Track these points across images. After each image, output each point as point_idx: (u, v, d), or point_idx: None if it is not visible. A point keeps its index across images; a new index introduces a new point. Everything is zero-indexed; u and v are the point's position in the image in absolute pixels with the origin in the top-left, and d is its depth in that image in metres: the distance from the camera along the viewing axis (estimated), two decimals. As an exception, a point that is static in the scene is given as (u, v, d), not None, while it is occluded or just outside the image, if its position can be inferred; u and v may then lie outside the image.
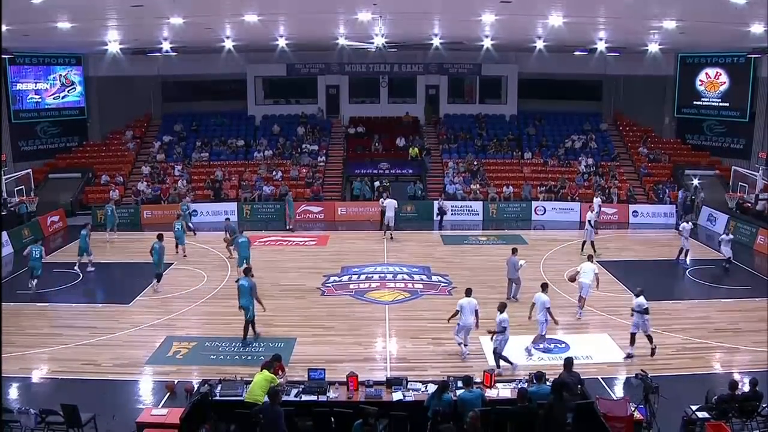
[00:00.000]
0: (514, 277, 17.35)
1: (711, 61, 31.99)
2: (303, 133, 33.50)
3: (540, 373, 10.85)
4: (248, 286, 14.70)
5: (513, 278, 17.38)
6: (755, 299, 17.61)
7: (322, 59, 32.99)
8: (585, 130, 33.90)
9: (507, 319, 13.07)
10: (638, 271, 20.65)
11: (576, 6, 18.78)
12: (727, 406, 10.45)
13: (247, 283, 14.79)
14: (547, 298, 14.03)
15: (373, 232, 25.82)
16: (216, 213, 27.86)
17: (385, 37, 22.89)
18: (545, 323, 14.01)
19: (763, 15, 17.68)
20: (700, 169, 30.68)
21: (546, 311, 13.88)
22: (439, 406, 9.81)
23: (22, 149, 30.82)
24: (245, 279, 15.03)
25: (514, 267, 17.28)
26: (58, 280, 19.49)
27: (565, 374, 10.75)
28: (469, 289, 14.16)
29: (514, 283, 17.42)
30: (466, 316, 13.54)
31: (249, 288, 14.70)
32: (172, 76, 33.41)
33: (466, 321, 13.59)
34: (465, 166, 31.25)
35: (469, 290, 14.07)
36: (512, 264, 17.32)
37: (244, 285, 14.74)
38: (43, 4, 16.09)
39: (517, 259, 17.39)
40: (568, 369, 10.90)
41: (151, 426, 10.23)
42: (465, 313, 13.53)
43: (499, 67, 33.49)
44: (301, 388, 10.88)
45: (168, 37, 24.50)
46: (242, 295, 14.69)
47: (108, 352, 14.18)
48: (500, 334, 13.04)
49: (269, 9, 19.60)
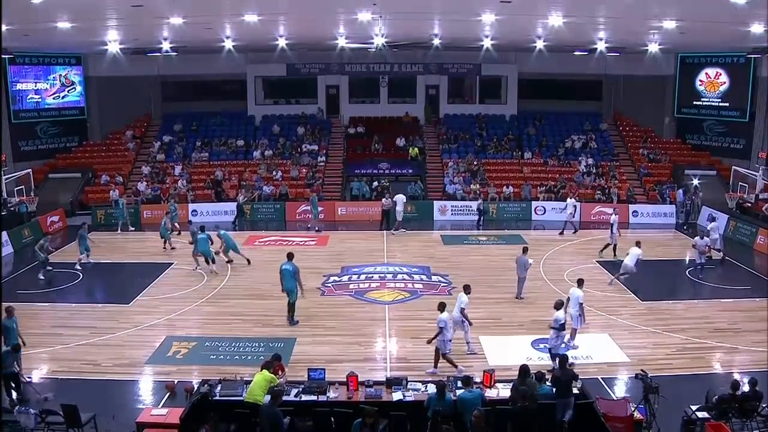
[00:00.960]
0: (523, 275, 17.56)
1: (711, 61, 31.99)
2: (303, 133, 33.50)
3: (540, 373, 10.84)
4: (292, 270, 15.64)
5: (522, 277, 17.58)
6: (755, 299, 17.60)
7: (322, 59, 32.97)
8: (585, 130, 33.89)
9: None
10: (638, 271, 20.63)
11: (576, 6, 18.79)
12: (727, 406, 10.46)
13: (291, 267, 15.71)
14: (581, 293, 14.19)
15: (373, 232, 25.83)
16: (216, 213, 27.89)
17: (385, 37, 22.91)
18: (580, 318, 14.18)
19: (763, 15, 17.69)
20: (700, 169, 30.71)
21: (579, 306, 14.04)
22: (440, 406, 9.81)
23: (22, 149, 30.82)
24: (288, 263, 15.83)
25: (524, 266, 17.47)
26: (58, 280, 19.49)
27: (559, 371, 10.69)
28: (442, 303, 13.31)
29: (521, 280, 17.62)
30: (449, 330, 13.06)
31: (293, 272, 15.61)
32: (172, 76, 33.40)
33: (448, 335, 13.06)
34: (465, 166, 31.26)
35: (442, 304, 13.21)
36: (522, 263, 17.49)
37: (288, 269, 15.64)
38: (43, 4, 16.10)
39: (527, 258, 17.58)
40: (562, 366, 10.81)
41: (151, 426, 10.23)
42: (448, 328, 13.04)
43: (499, 67, 33.49)
44: (301, 388, 10.87)
45: (168, 37, 24.52)
46: (286, 279, 15.58)
47: (108, 352, 14.18)
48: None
49: (269, 9, 19.61)
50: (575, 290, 14.34)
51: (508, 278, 18.51)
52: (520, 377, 10.58)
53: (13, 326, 12.77)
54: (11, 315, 12.92)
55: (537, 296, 17.86)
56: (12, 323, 12.78)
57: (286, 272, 15.63)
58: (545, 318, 16.17)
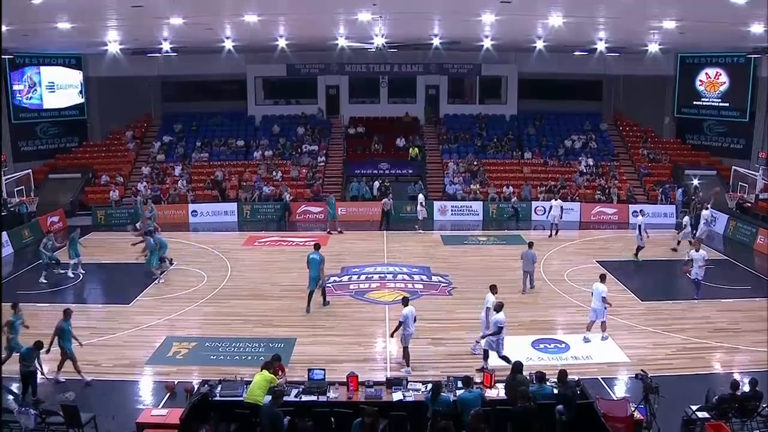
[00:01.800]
0: (531, 270, 18.19)
1: (711, 61, 32.00)
2: (303, 133, 33.50)
3: (540, 374, 10.82)
4: (319, 260, 16.56)
5: (529, 271, 18.19)
6: (755, 299, 17.60)
7: (322, 59, 32.96)
8: (585, 130, 33.90)
9: (503, 319, 12.99)
10: (639, 271, 20.67)
11: (576, 6, 18.78)
12: (727, 406, 10.45)
13: (318, 256, 16.61)
14: (604, 287, 14.66)
15: (373, 232, 25.82)
16: (216, 213, 27.90)
17: (385, 37, 22.90)
18: (604, 310, 14.63)
19: (763, 15, 17.68)
20: (700, 169, 30.70)
21: (602, 300, 14.48)
22: (438, 406, 9.80)
23: (22, 149, 30.83)
24: (316, 253, 16.74)
25: (532, 260, 18.14)
26: (58, 280, 19.50)
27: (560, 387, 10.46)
28: (405, 298, 13.73)
29: (530, 275, 18.26)
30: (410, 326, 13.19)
31: (320, 261, 16.55)
32: (172, 76, 33.39)
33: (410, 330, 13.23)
34: (465, 166, 31.26)
35: (405, 299, 13.61)
36: (530, 257, 18.08)
37: (316, 258, 16.55)
38: (43, 4, 16.09)
39: (534, 252, 18.25)
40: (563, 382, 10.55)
41: (151, 426, 10.22)
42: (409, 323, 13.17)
43: (499, 67, 33.51)
44: (301, 388, 10.86)
45: (168, 37, 24.50)
46: (313, 267, 16.49)
47: (108, 353, 14.18)
48: (496, 334, 12.96)
49: (269, 9, 19.60)
50: (598, 285, 14.73)
51: (508, 278, 18.51)
52: (511, 374, 10.63)
53: (69, 328, 12.87)
54: (68, 317, 12.99)
55: (537, 296, 17.89)
56: (67, 325, 12.87)
57: (314, 261, 16.49)
58: (545, 318, 16.29)
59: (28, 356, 11.85)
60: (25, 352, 11.90)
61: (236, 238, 25.37)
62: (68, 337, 12.83)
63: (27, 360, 11.83)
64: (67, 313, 13.07)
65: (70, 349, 12.79)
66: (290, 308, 17.07)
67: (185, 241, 24.36)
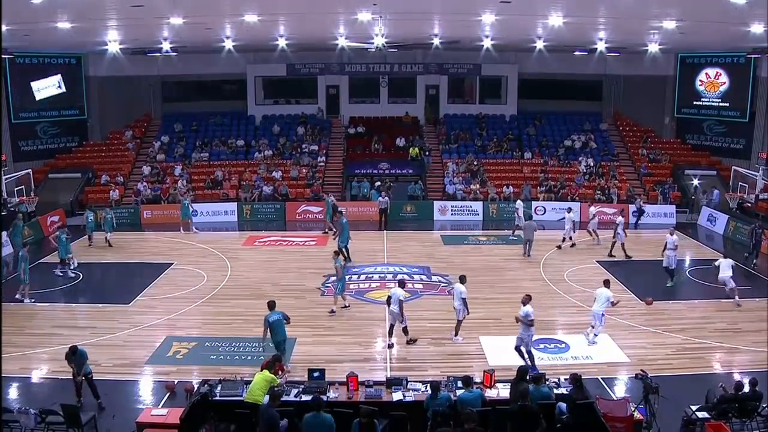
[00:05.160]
0: (531, 238, 21.31)
1: (711, 61, 31.99)
2: (303, 133, 33.49)
3: (540, 374, 10.83)
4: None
5: (530, 239, 21.34)
6: (755, 299, 17.60)
7: (322, 59, 32.97)
8: (585, 130, 33.90)
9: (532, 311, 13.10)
10: (639, 271, 20.64)
11: (576, 6, 18.79)
12: (727, 406, 10.45)
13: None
14: (610, 293, 14.63)
15: (373, 232, 25.80)
16: (216, 213, 27.90)
17: (385, 37, 22.89)
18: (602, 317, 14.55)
19: (763, 15, 17.69)
20: (700, 169, 30.70)
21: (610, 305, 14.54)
22: (438, 406, 9.80)
23: (22, 149, 30.82)
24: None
25: (533, 230, 21.41)
26: (58, 280, 19.50)
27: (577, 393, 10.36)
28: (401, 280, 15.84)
29: (530, 243, 21.36)
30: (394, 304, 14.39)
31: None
32: (172, 76, 33.40)
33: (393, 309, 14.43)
34: (465, 166, 31.26)
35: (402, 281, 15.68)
36: (532, 227, 21.53)
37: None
38: (43, 4, 16.09)
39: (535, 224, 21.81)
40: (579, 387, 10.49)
41: (151, 426, 10.22)
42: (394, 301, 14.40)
43: (499, 67, 33.49)
44: (301, 388, 10.85)
45: (168, 37, 24.50)
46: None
47: (108, 352, 14.16)
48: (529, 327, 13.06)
49: (269, 9, 19.60)
50: (603, 290, 14.57)
51: (508, 278, 18.51)
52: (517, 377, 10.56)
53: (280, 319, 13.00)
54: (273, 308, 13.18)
55: (537, 296, 17.78)
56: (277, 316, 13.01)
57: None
58: (545, 318, 16.22)
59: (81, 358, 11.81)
60: (81, 354, 11.83)
61: (236, 237, 25.38)
62: (282, 330, 12.96)
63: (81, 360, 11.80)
64: (271, 305, 13.26)
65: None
66: (290, 308, 16.94)
67: (185, 241, 24.37)
